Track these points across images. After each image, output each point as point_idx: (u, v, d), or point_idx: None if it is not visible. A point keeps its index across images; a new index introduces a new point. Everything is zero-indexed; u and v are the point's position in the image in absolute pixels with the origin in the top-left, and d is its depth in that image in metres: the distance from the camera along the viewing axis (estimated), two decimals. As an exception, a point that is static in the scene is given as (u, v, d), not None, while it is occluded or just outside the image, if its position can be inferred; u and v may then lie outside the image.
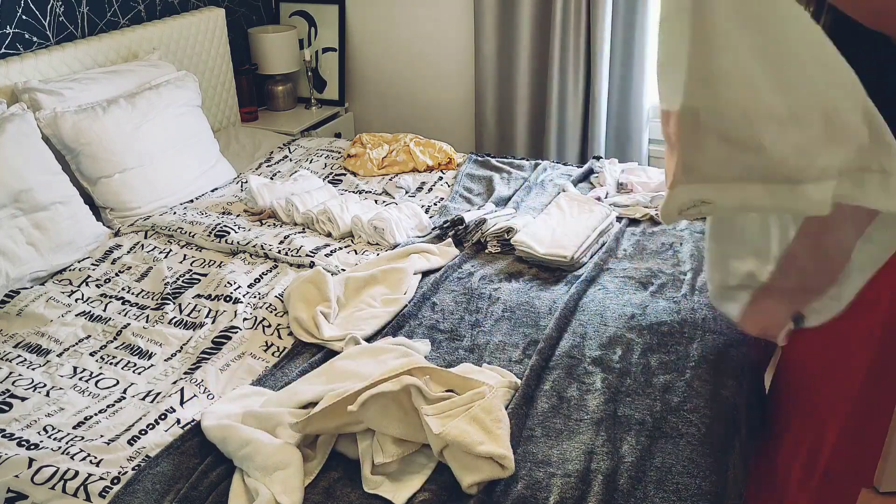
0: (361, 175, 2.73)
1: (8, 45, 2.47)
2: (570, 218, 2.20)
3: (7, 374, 1.73)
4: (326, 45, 3.62)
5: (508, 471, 1.33)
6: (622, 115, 3.12)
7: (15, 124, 2.17)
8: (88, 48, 2.61)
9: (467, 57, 3.38)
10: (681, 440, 1.43)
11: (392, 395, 1.37)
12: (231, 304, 1.95)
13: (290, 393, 1.53)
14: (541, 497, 1.32)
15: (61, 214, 2.19)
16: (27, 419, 1.59)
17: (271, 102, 3.57)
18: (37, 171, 2.17)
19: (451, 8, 3.33)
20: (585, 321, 1.81)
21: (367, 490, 1.35)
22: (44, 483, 1.39)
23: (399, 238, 2.23)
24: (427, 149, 2.79)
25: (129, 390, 1.68)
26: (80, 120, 2.36)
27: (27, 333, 1.89)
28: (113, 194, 2.41)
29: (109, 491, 1.38)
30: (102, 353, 1.82)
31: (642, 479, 1.35)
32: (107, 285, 2.10)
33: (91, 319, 1.94)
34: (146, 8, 2.96)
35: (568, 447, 1.43)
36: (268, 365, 1.74)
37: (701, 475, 1.36)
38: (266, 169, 2.82)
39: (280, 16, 3.66)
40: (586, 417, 1.50)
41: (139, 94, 2.54)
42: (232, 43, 3.30)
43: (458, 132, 3.53)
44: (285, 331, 1.85)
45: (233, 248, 2.23)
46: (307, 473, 1.38)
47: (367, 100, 3.70)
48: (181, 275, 2.12)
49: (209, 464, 1.43)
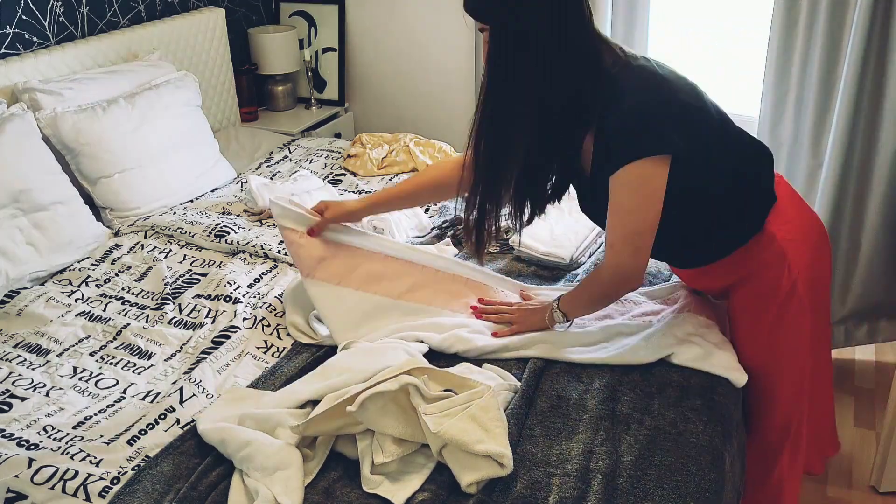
0: (361, 175, 2.74)
1: (8, 45, 2.48)
2: (568, 217, 2.20)
3: (7, 374, 1.73)
4: (326, 45, 3.62)
5: (507, 469, 1.33)
6: (622, 115, 3.11)
7: (15, 124, 2.17)
8: (88, 48, 2.62)
9: (467, 57, 3.37)
10: (680, 438, 1.43)
11: (391, 394, 1.37)
12: (231, 304, 1.95)
13: (288, 393, 1.53)
14: (540, 496, 1.32)
15: (61, 214, 2.19)
16: (27, 419, 1.59)
17: (271, 102, 3.57)
18: (37, 171, 2.17)
19: (451, 8, 3.33)
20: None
21: (366, 490, 1.35)
22: (44, 483, 1.39)
23: (398, 238, 2.23)
24: (427, 149, 2.79)
25: (128, 390, 1.69)
26: (80, 120, 2.36)
27: (27, 333, 1.89)
28: (113, 194, 2.42)
29: (109, 491, 1.38)
30: (102, 353, 1.82)
31: (642, 477, 1.36)
32: (107, 285, 2.10)
33: (91, 319, 1.95)
34: (146, 8, 2.96)
35: (567, 446, 1.43)
36: (267, 365, 1.74)
37: (700, 473, 1.37)
38: (266, 169, 2.82)
39: (280, 16, 3.66)
40: (585, 416, 1.50)
41: (139, 95, 2.54)
42: (232, 43, 3.30)
43: (458, 132, 3.52)
44: (284, 331, 1.85)
45: (233, 248, 2.23)
46: (306, 473, 1.38)
47: (367, 100, 3.70)
48: (181, 275, 2.12)
49: (209, 464, 1.43)
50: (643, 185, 1.43)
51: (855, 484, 2.27)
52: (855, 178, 2.51)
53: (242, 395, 1.60)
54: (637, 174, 1.42)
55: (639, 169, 1.42)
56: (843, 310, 2.67)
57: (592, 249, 2.12)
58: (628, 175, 1.42)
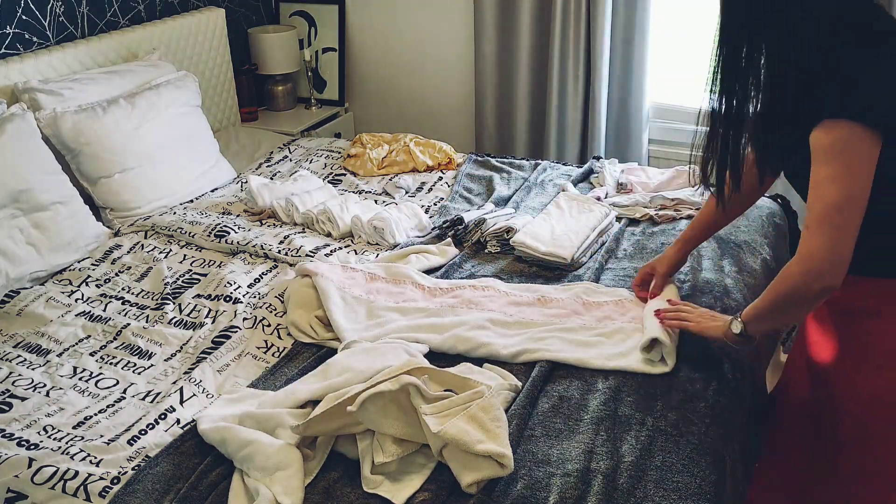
0: (361, 175, 2.73)
1: (8, 45, 2.48)
2: (569, 218, 2.20)
3: (7, 374, 1.73)
4: (326, 45, 3.62)
5: (508, 469, 1.33)
6: (622, 116, 3.12)
7: (15, 124, 2.17)
8: (88, 48, 2.61)
9: (467, 57, 3.38)
10: (681, 439, 1.43)
11: (391, 394, 1.37)
12: (231, 304, 1.95)
13: (288, 393, 1.53)
14: (540, 496, 1.32)
15: (61, 214, 2.19)
16: (27, 419, 1.59)
17: (271, 102, 3.57)
18: (37, 171, 2.17)
19: (451, 8, 3.33)
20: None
21: (366, 490, 1.35)
22: (44, 483, 1.39)
23: (399, 238, 2.23)
24: (427, 149, 2.79)
25: (128, 390, 1.69)
26: (80, 120, 2.36)
27: (27, 333, 1.89)
28: (113, 194, 2.41)
29: (109, 491, 1.38)
30: (102, 353, 1.82)
31: (642, 478, 1.35)
32: (107, 285, 2.10)
33: (91, 319, 1.94)
34: (146, 8, 2.96)
35: (568, 446, 1.43)
36: (267, 365, 1.74)
37: (701, 474, 1.36)
38: (266, 169, 2.82)
39: (280, 16, 3.66)
40: (586, 417, 1.50)
41: (139, 94, 2.54)
42: (232, 43, 3.30)
43: (458, 132, 3.53)
44: (285, 331, 1.85)
45: (233, 248, 2.23)
46: (306, 473, 1.38)
47: (367, 100, 3.70)
48: (181, 275, 2.12)
49: (209, 464, 1.43)
50: (845, 150, 1.24)
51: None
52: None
53: (243, 396, 1.60)
54: (837, 136, 1.23)
55: (839, 131, 1.23)
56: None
57: (593, 249, 2.12)
58: (828, 135, 1.24)
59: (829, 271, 1.26)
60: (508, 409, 1.51)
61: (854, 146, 1.23)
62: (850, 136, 1.23)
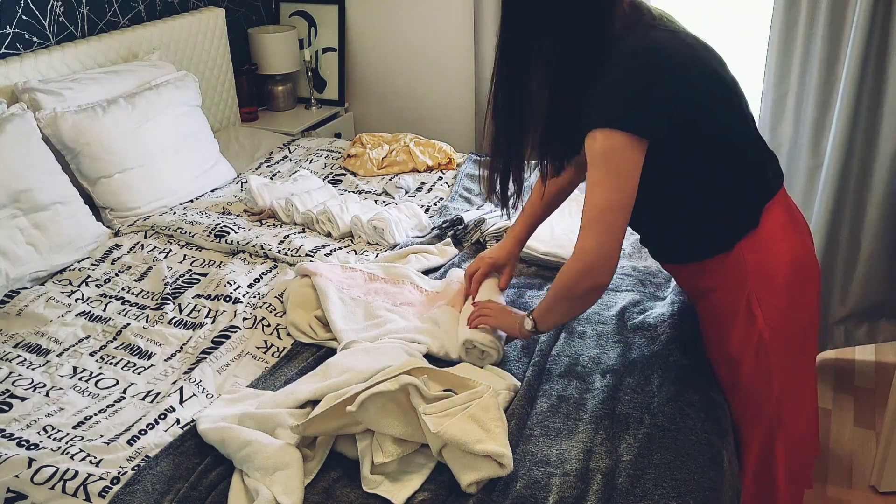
0: (361, 175, 2.74)
1: (8, 45, 2.48)
2: (569, 217, 2.20)
3: (7, 374, 1.73)
4: (326, 45, 3.62)
5: (507, 469, 1.33)
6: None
7: (15, 124, 2.17)
8: (88, 48, 2.62)
9: (467, 57, 3.37)
10: (679, 436, 1.44)
11: (390, 394, 1.37)
12: (231, 304, 1.95)
13: (287, 393, 1.53)
14: (540, 496, 1.32)
15: (61, 214, 2.19)
16: (27, 419, 1.59)
17: (271, 102, 3.58)
18: (37, 171, 2.17)
19: (451, 8, 3.33)
20: (583, 320, 1.81)
21: (366, 490, 1.35)
22: (44, 483, 1.39)
23: (399, 238, 2.23)
24: (427, 149, 2.79)
25: (128, 390, 1.69)
26: (80, 120, 2.36)
27: (27, 333, 1.89)
28: (113, 194, 2.42)
29: (109, 491, 1.38)
30: (102, 353, 1.82)
31: (641, 476, 1.36)
32: (107, 285, 2.10)
33: (91, 319, 1.95)
34: (146, 8, 2.96)
35: (567, 446, 1.43)
36: (267, 365, 1.74)
37: (699, 471, 1.37)
38: (266, 169, 2.82)
39: (280, 16, 3.66)
40: (585, 416, 1.50)
41: (139, 94, 2.54)
42: (232, 43, 3.30)
43: (458, 132, 3.53)
44: (284, 331, 1.85)
45: (232, 248, 2.23)
46: (306, 473, 1.38)
47: (367, 100, 3.70)
48: (181, 275, 2.12)
49: (209, 464, 1.43)
50: (608, 157, 1.34)
51: (855, 484, 2.27)
52: (855, 179, 2.51)
53: (243, 396, 1.60)
54: (602, 145, 1.34)
55: (605, 140, 1.33)
56: (843, 310, 2.67)
57: (592, 249, 2.12)
58: (595, 144, 1.35)
59: (599, 267, 1.39)
60: (507, 409, 1.51)
61: (616, 153, 1.34)
62: (611, 144, 1.34)
